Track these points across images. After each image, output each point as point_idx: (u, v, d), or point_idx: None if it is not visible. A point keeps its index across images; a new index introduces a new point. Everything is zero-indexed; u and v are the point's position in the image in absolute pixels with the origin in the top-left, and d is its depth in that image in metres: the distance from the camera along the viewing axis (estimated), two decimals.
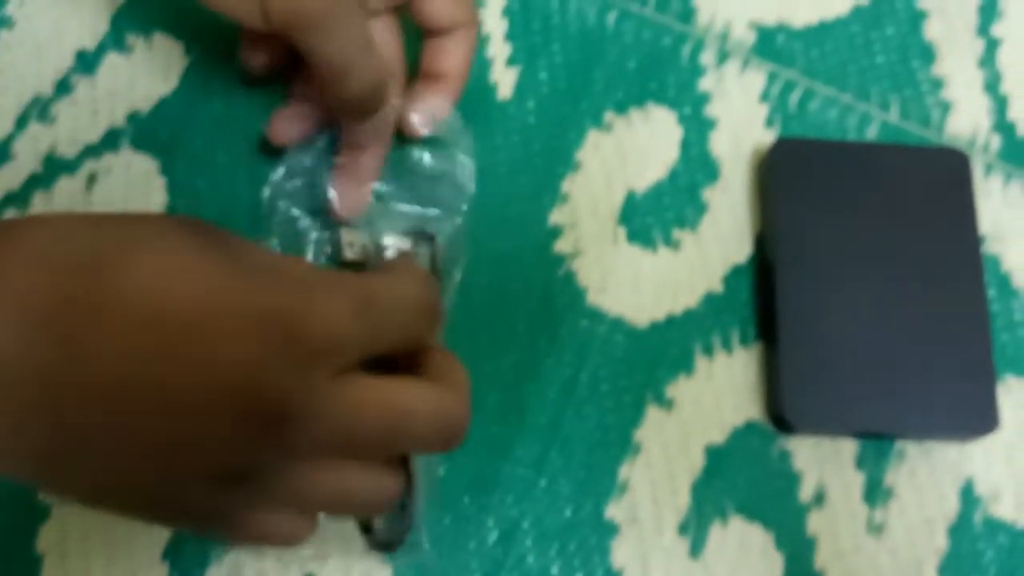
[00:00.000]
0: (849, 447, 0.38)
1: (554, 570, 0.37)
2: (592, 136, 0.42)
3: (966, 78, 0.43)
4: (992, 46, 0.44)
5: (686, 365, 0.39)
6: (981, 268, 0.39)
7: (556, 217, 0.41)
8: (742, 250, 0.41)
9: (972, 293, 0.39)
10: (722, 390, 0.39)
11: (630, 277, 0.40)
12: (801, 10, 0.44)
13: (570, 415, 0.38)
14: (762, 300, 0.40)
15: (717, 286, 0.40)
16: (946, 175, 0.40)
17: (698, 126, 0.42)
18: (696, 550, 0.37)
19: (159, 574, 0.36)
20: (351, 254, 0.37)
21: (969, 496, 0.38)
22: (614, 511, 0.37)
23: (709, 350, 0.39)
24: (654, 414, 0.38)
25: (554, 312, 0.39)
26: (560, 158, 0.41)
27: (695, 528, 0.37)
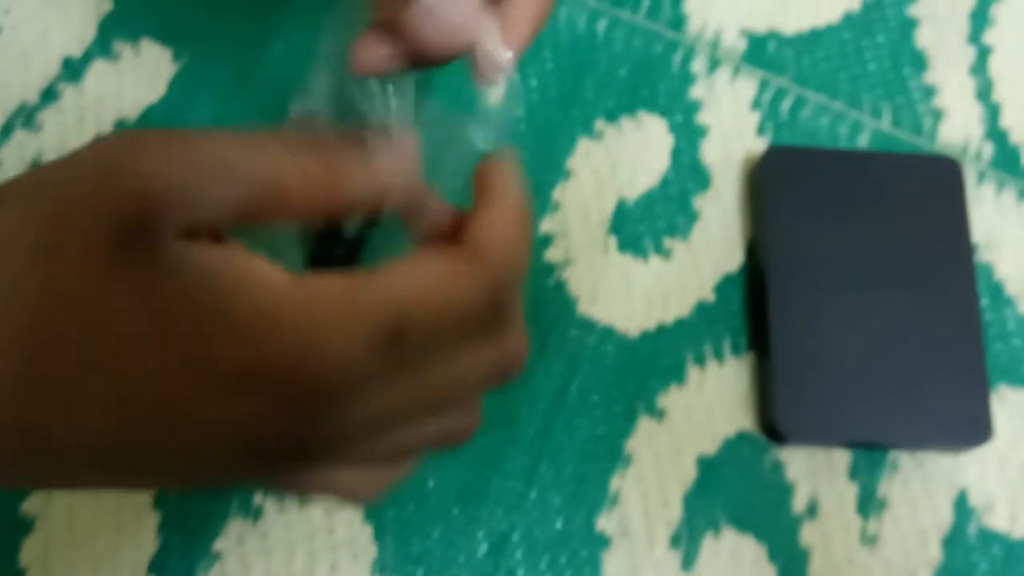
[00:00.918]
0: (842, 458, 0.38)
1: None
2: (583, 144, 0.42)
3: (958, 85, 0.43)
4: (984, 53, 0.44)
5: (677, 375, 0.39)
6: (974, 277, 0.39)
7: (547, 226, 0.40)
8: (733, 259, 0.40)
9: (965, 302, 0.38)
10: (714, 400, 0.38)
11: (621, 286, 0.40)
12: (792, 18, 0.44)
13: (560, 426, 0.38)
14: (754, 309, 0.39)
15: (708, 295, 0.40)
16: (938, 183, 0.40)
17: (689, 134, 0.42)
18: (688, 562, 0.37)
19: None
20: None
21: (963, 507, 0.38)
22: (605, 523, 0.37)
23: (701, 360, 0.39)
24: (645, 425, 0.38)
25: (544, 321, 0.39)
26: (551, 166, 0.41)
27: (687, 540, 0.37)
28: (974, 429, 0.37)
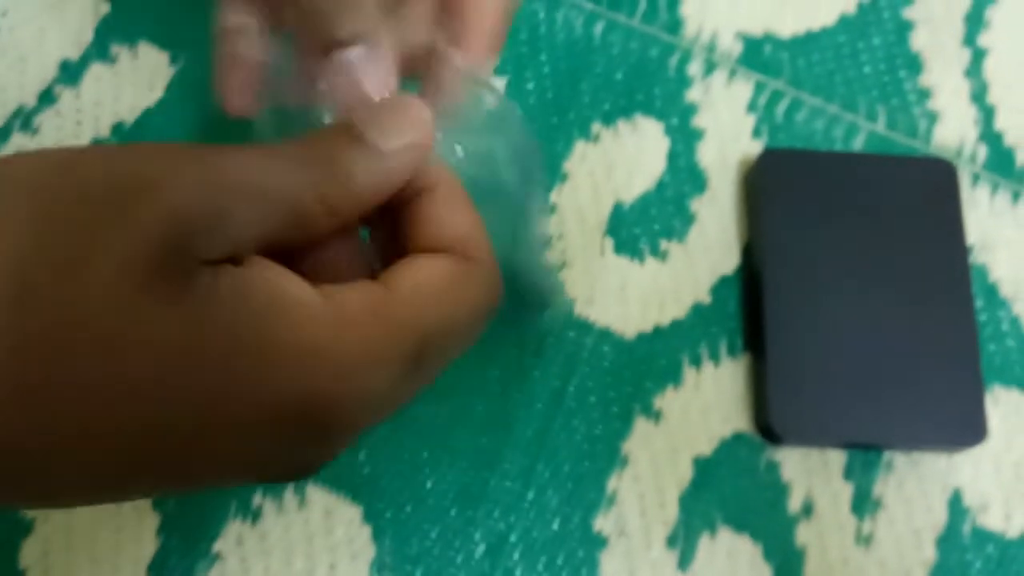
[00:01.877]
0: (837, 458, 0.38)
1: None
2: (579, 147, 0.42)
3: (953, 88, 0.44)
4: (979, 56, 0.44)
5: (674, 376, 0.39)
6: (969, 278, 0.39)
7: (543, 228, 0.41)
8: (729, 261, 0.41)
9: (960, 303, 0.39)
10: (710, 401, 0.39)
11: (617, 288, 0.40)
12: (788, 20, 0.44)
13: (557, 427, 0.38)
14: (749, 311, 0.40)
15: (704, 297, 0.40)
16: (933, 185, 0.40)
17: (685, 137, 0.42)
18: (684, 562, 0.37)
19: None
20: None
21: (957, 506, 0.38)
22: (602, 523, 0.37)
23: (697, 361, 0.39)
24: (642, 426, 0.38)
25: (541, 323, 0.39)
26: (547, 169, 0.41)
27: (683, 540, 0.37)
28: (969, 429, 0.37)
